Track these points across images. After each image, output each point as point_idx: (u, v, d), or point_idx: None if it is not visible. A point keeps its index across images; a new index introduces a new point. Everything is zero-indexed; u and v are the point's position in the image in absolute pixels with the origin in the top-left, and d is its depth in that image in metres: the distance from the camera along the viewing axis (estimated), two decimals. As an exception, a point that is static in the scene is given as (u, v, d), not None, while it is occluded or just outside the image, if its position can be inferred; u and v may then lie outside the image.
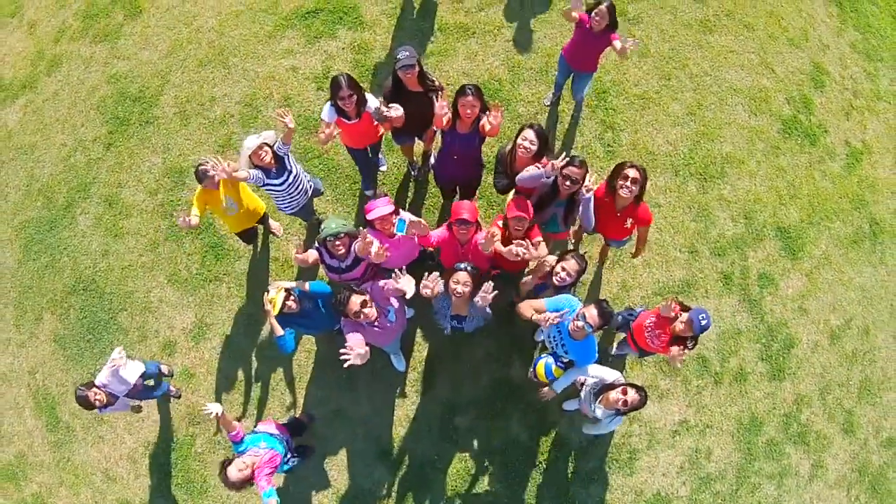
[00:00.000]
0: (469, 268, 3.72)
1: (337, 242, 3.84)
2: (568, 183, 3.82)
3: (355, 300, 3.59)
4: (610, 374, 4.01)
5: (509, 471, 5.08)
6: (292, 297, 3.89)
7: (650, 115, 5.65)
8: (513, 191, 4.17)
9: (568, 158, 3.88)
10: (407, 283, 3.73)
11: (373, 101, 4.19)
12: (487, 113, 3.92)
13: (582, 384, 4.09)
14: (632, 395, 3.71)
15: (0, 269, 5.82)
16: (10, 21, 6.52)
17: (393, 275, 3.68)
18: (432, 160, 5.33)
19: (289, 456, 4.12)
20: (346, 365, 3.56)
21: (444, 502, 5.03)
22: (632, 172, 3.80)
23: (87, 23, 6.21)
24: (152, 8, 6.12)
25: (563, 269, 3.83)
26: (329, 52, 5.78)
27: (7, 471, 5.55)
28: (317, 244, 4.03)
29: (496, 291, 3.67)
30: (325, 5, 5.88)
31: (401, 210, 4.08)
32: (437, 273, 3.74)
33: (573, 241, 5.29)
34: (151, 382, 4.72)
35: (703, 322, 3.74)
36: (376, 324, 3.83)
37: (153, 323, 5.41)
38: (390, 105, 4.08)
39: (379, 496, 5.07)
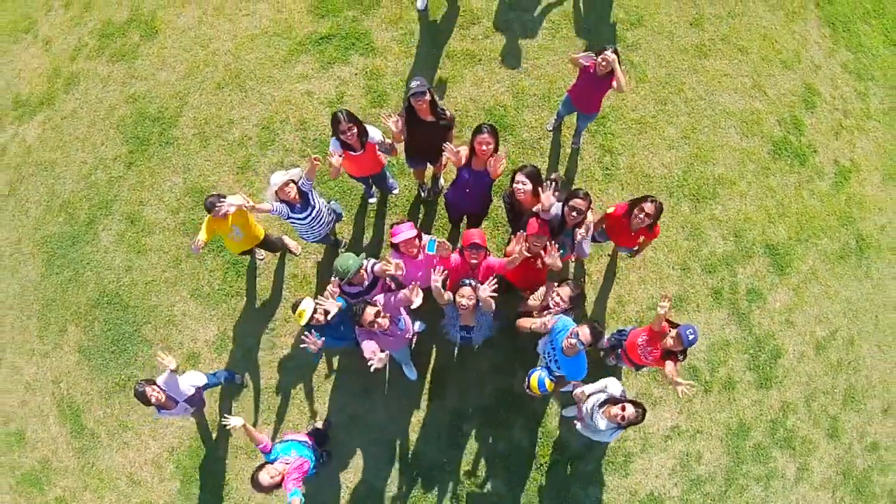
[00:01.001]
0: (472, 283, 4.48)
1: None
2: (574, 213, 4.45)
3: (370, 311, 4.32)
4: (618, 389, 4.72)
5: (512, 474, 5.83)
6: (319, 311, 4.59)
7: (647, 139, 6.35)
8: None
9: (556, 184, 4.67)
10: (416, 295, 4.52)
11: (374, 133, 4.91)
12: (492, 156, 4.59)
13: (587, 396, 4.83)
14: (630, 411, 4.25)
15: (23, 282, 6.53)
16: (24, 37, 7.17)
17: (409, 286, 4.47)
18: (442, 181, 6.15)
19: (315, 463, 4.79)
20: (370, 368, 4.32)
21: (452, 503, 5.81)
22: (648, 207, 4.55)
23: (103, 42, 6.87)
24: (168, 29, 6.78)
25: (558, 294, 4.63)
26: (342, 78, 6.46)
27: (31, 476, 6.23)
28: (338, 280, 4.71)
29: (496, 284, 4.40)
30: (338, 31, 6.54)
31: (423, 234, 4.80)
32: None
33: (574, 259, 6.00)
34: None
35: (691, 337, 4.33)
36: (388, 332, 4.59)
37: (177, 335, 6.13)
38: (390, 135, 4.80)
39: (390, 496, 5.82)
